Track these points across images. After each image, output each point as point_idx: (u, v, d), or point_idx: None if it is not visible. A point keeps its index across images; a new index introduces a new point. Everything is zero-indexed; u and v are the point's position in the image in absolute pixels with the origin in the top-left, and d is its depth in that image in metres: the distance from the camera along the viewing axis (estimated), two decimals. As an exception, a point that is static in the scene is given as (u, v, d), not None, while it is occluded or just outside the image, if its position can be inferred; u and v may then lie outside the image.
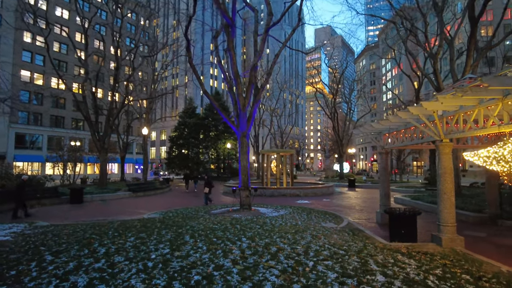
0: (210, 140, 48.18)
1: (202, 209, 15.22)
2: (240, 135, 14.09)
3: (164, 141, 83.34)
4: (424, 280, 5.55)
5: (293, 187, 24.69)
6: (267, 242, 7.97)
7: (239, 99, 13.91)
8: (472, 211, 13.43)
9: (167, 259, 6.38)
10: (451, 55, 18.05)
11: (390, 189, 28.65)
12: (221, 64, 14.99)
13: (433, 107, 7.86)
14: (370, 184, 35.47)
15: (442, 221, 8.45)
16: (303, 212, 13.87)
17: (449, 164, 8.51)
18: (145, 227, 10.15)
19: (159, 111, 72.99)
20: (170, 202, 20.45)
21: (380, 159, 13.11)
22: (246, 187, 14.00)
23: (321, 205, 18.55)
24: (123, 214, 14.66)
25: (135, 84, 34.34)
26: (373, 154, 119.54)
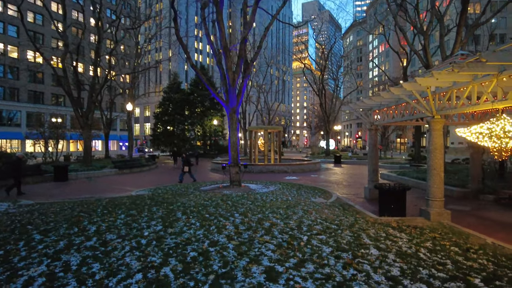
0: (196, 116, 47.43)
1: (192, 186, 15.12)
2: (230, 111, 13.82)
3: (148, 118, 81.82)
4: (416, 253, 5.68)
5: (281, 164, 24.83)
6: (260, 217, 7.98)
7: (228, 74, 13.53)
8: (456, 186, 13.84)
9: (160, 236, 6.29)
10: (441, 31, 17.96)
11: (375, 165, 29.36)
12: (209, 37, 14.44)
13: (427, 83, 7.81)
14: (356, 160, 36.07)
15: (431, 196, 8.63)
16: (292, 188, 13.97)
17: (440, 141, 8.60)
18: (134, 204, 9.99)
19: (143, 86, 71.06)
20: (158, 179, 20.26)
21: (369, 136, 13.19)
22: (236, 164, 13.92)
23: (309, 181, 18.75)
24: (111, 192, 14.42)
25: (117, 58, 33.00)
26: (357, 131, 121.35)
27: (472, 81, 7.19)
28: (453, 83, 7.91)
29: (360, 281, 4.43)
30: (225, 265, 4.85)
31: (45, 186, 16.47)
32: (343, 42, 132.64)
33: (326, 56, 41.40)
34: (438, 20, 17.96)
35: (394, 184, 9.43)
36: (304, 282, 4.35)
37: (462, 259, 5.48)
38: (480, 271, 4.94)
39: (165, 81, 73.93)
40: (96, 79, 24.62)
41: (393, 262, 5.19)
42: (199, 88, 46.78)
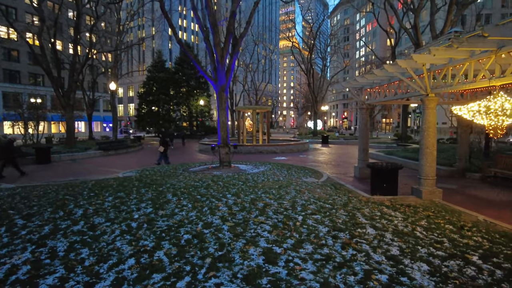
0: (181, 96, 46.40)
1: (180, 166, 14.81)
2: (219, 89, 13.40)
3: (132, 98, 79.81)
4: (413, 232, 5.66)
5: (270, 144, 24.70)
6: (252, 198, 7.83)
7: (216, 50, 13.01)
8: (443, 164, 14.03)
9: (151, 219, 6.07)
10: (432, 9, 17.75)
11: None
12: (196, 12, 13.77)
13: (423, 60, 7.63)
14: (343, 140, 36.31)
15: (423, 174, 8.65)
16: (282, 168, 13.87)
17: (434, 119, 8.53)
18: (122, 186, 9.68)
19: (126, 65, 68.74)
20: (144, 160, 19.82)
21: (360, 115, 13.09)
22: (226, 144, 13.65)
23: (299, 161, 18.71)
24: (96, 173, 13.98)
25: (98, 35, 31.48)
26: (343, 112, 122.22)
27: (470, 58, 7.05)
28: (449, 60, 7.76)
29: (360, 261, 4.34)
30: (221, 247, 4.69)
31: (27, 169, 15.83)
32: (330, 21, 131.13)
33: (315, 35, 40.70)
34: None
35: (387, 163, 9.41)
36: (304, 263, 4.23)
37: (457, 237, 5.48)
38: (477, 249, 4.95)
39: (148, 60, 71.71)
40: (76, 57, 23.48)
41: (391, 241, 5.14)
42: (185, 67, 45.59)
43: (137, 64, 73.04)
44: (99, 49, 30.64)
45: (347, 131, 74.62)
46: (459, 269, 4.20)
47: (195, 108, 46.75)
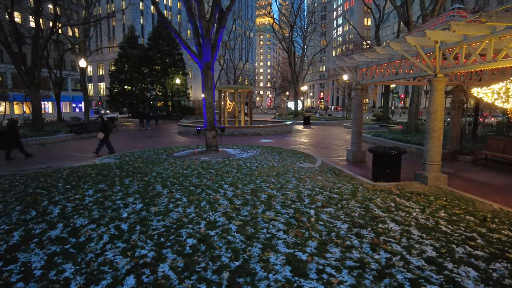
0: (156, 75, 44.07)
1: (163, 151, 13.78)
2: (204, 67, 12.32)
3: (102, 77, 75.56)
4: (437, 226, 5.19)
5: (254, 126, 23.89)
6: (252, 188, 7.12)
7: (201, 23, 11.82)
8: (434, 146, 13.84)
9: (144, 218, 5.22)
10: (422, -15, 17.19)
11: (344, 126, 29.45)
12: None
13: (438, 37, 7.03)
14: (324, 121, 36.11)
15: (429, 159, 8.24)
16: (273, 152, 13.20)
17: (441, 101, 8.05)
18: (102, 175, 8.67)
19: (95, 42, 64.39)
20: (122, 144, 18.49)
21: (355, 95, 12.50)
22: (213, 127, 12.73)
23: (286, 143, 18.12)
24: (70, 160, 12.71)
25: (63, 7, 28.67)
26: (320, 92, 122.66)
27: (490, 35, 6.49)
28: (464, 37, 7.19)
29: (399, 267, 3.77)
30: (235, 255, 3.96)
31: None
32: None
33: (296, 12, 39.49)
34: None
35: (389, 148, 8.93)
36: (338, 273, 3.60)
37: (485, 231, 5.06)
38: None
39: (119, 36, 67.59)
40: (39, 31, 21.19)
41: (420, 239, 4.63)
42: (159, 43, 43.07)
43: (107, 41, 68.75)
44: (64, 23, 28.01)
45: (326, 111, 75.02)
46: (510, 273, 3.73)
47: (171, 87, 44.63)
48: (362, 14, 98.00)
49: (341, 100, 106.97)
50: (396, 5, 18.13)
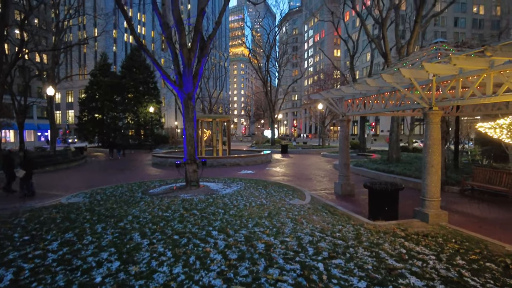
0: (128, 103, 42.73)
1: (137, 187, 12.63)
2: (185, 97, 11.61)
3: (71, 104, 72.83)
4: (462, 278, 4.60)
5: (233, 156, 23.12)
6: (246, 235, 6.29)
7: (183, 52, 11.25)
8: (418, 178, 13.69)
9: (122, 283, 4.24)
10: (397, 20, 17.85)
11: (322, 154, 29.37)
12: (156, 6, 11.89)
13: (436, 70, 6.82)
14: (301, 149, 36.01)
15: (428, 195, 7.83)
16: (258, 186, 12.44)
17: (438, 135, 7.78)
18: (69, 220, 7.52)
19: (64, 68, 62.30)
20: (92, 178, 17.07)
21: (341, 127, 12.21)
22: (193, 160, 11.85)
23: (268, 175, 17.45)
24: (32, 199, 11.28)
25: (31, 32, 27.37)
26: (293, 120, 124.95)
27: (489, 69, 6.33)
28: (460, 71, 7.04)
29: None
30: None
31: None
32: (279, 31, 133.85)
33: (272, 43, 40.32)
34: (394, 9, 17.75)
35: (386, 183, 8.48)
36: None
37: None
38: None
39: (90, 62, 66.07)
40: (2, 56, 19.79)
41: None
42: (133, 71, 42.17)
43: (78, 67, 66.82)
44: (32, 48, 26.60)
45: (298, 139, 76.00)
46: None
47: (144, 116, 43.27)
48: (332, 46, 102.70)
49: (313, 128, 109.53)
50: (373, 38, 18.67)
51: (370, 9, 20.07)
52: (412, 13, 21.34)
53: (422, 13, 16.09)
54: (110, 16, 40.00)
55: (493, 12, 71.81)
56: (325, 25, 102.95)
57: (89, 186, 13.68)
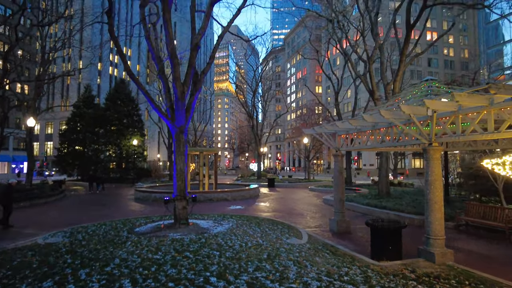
0: (111, 135, 41.78)
1: (122, 225, 11.80)
2: (177, 131, 11.27)
3: (50, 135, 70.76)
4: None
5: (220, 191, 22.46)
6: (247, 281, 5.76)
7: (176, 85, 11.06)
8: (414, 213, 13.52)
9: None
10: (382, 58, 18.56)
11: (310, 188, 29.10)
12: (150, 41, 11.85)
13: (438, 106, 6.85)
14: (288, 183, 35.69)
15: (433, 234, 7.58)
16: (251, 224, 11.88)
17: (439, 171, 7.69)
18: (47, 264, 6.77)
19: (46, 99, 61.09)
20: (72, 214, 16.01)
21: (335, 163, 12.05)
22: (183, 196, 11.27)
23: (258, 210, 16.90)
24: (4, 239, 10.28)
25: (14, 63, 26.82)
26: (276, 153, 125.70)
27: (489, 106, 6.39)
28: (459, 107, 7.10)
29: None
30: None
31: None
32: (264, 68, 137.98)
33: (258, 79, 41.25)
34: (378, 49, 18.52)
35: (388, 221, 8.20)
36: None
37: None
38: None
39: (73, 94, 65.31)
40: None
41: None
42: (117, 103, 41.66)
43: (60, 99, 65.76)
44: (14, 79, 25.95)
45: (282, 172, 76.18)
46: None
47: (127, 149, 42.21)
48: (314, 83, 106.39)
49: (297, 161, 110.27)
50: (360, 75, 19.25)
51: (355, 47, 20.89)
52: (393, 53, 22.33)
53: (406, 52, 16.84)
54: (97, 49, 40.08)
55: (461, 54, 77.06)
56: (306, 63, 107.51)
57: (69, 223, 12.71)
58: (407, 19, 16.04)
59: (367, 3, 18.93)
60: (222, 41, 12.83)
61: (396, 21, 19.34)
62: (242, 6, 12.98)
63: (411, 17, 15.88)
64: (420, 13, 15.86)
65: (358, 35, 24.90)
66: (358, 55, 20.26)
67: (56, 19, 24.06)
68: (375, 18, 18.16)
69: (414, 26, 16.07)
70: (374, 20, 18.18)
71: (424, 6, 15.46)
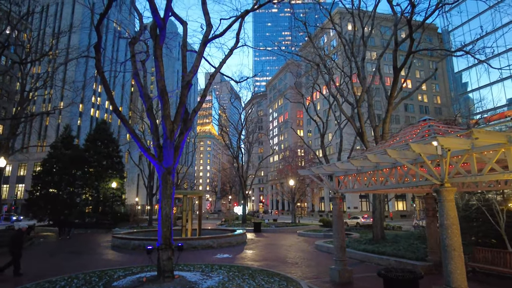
0: (89, 177, 39.75)
1: (97, 278, 10.34)
2: (164, 172, 10.39)
3: (22, 178, 67.04)
4: None
5: (204, 237, 20.90)
6: None
7: (165, 123, 10.39)
8: (416, 259, 12.73)
9: None
10: (369, 101, 18.78)
11: (299, 233, 27.90)
12: (138, 78, 11.35)
13: (452, 144, 6.44)
14: (275, 227, 34.33)
15: (454, 284, 6.80)
16: (244, 276, 10.68)
17: (455, 213, 7.09)
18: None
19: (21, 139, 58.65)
20: (40, 265, 14.21)
21: (334, 205, 11.34)
22: (169, 245, 10.08)
23: (248, 259, 15.60)
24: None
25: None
26: (259, 196, 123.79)
27: (508, 143, 6.03)
28: (472, 145, 6.73)
29: None
30: None
31: None
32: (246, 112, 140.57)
33: (243, 123, 41.45)
34: (366, 92, 18.80)
35: (403, 270, 7.39)
36: None
37: None
38: None
39: (51, 135, 63.14)
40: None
41: None
42: (98, 144, 40.27)
43: (36, 139, 63.33)
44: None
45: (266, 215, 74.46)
46: None
47: (105, 192, 39.97)
48: (296, 127, 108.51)
49: (281, 204, 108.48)
50: (348, 116, 19.30)
51: (341, 91, 21.23)
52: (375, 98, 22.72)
53: (394, 94, 17.11)
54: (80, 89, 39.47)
55: (434, 100, 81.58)
56: (288, 107, 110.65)
57: (35, 276, 11.06)
58: (394, 65, 16.55)
59: (352, 50, 19.58)
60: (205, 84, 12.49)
61: (375, 68, 19.98)
62: (234, 47, 12.86)
63: (397, 62, 16.40)
64: (406, 58, 16.43)
65: (342, 79, 25.63)
66: (344, 98, 20.50)
67: (40, 57, 23.48)
68: (362, 63, 18.68)
69: (401, 69, 16.53)
70: (361, 65, 18.67)
71: (410, 52, 16.04)
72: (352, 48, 19.49)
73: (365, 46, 18.63)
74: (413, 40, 15.72)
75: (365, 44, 18.61)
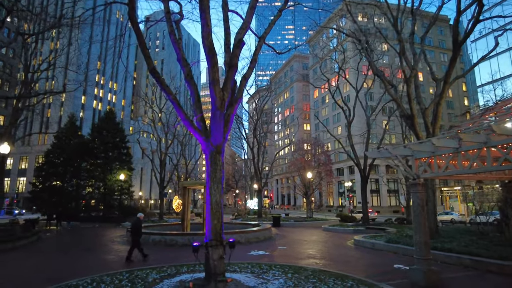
0: (95, 169, 37.77)
1: (128, 283, 8.40)
2: (212, 150, 8.38)
3: (24, 171, 65.18)
4: None
5: (230, 232, 18.93)
6: None
7: (215, 91, 8.35)
8: (498, 258, 10.78)
9: None
10: (416, 82, 16.82)
11: (324, 228, 26.01)
12: (175, 37, 9.29)
13: None
14: (294, 222, 32.51)
15: None
16: (308, 279, 8.73)
17: None
18: None
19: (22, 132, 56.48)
20: (49, 263, 12.29)
21: (414, 193, 9.29)
22: (220, 242, 8.10)
23: (289, 257, 13.67)
24: None
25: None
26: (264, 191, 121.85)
27: None
28: None
29: None
30: None
31: None
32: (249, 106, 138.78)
33: (259, 112, 39.59)
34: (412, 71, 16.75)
35: None
36: None
37: None
38: None
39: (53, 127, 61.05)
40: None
41: None
42: (104, 134, 38.19)
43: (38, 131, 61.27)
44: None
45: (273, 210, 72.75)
46: None
47: (112, 184, 37.95)
48: (302, 121, 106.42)
49: (286, 198, 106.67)
50: (396, 97, 17.09)
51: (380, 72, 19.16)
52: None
53: (452, 72, 15.07)
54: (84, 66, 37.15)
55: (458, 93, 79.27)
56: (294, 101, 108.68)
57: (48, 279, 9.12)
58: (454, 38, 14.46)
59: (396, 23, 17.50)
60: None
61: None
62: (283, 7, 10.82)
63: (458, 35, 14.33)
64: (472, 28, 14.34)
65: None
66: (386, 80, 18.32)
67: (49, 28, 21.20)
68: (411, 38, 16.62)
69: (463, 43, 14.48)
70: (410, 40, 16.62)
71: (477, 20, 13.98)
72: (395, 22, 17.37)
73: (414, 18, 16.53)
74: (483, 5, 13.61)
75: (414, 16, 16.52)
